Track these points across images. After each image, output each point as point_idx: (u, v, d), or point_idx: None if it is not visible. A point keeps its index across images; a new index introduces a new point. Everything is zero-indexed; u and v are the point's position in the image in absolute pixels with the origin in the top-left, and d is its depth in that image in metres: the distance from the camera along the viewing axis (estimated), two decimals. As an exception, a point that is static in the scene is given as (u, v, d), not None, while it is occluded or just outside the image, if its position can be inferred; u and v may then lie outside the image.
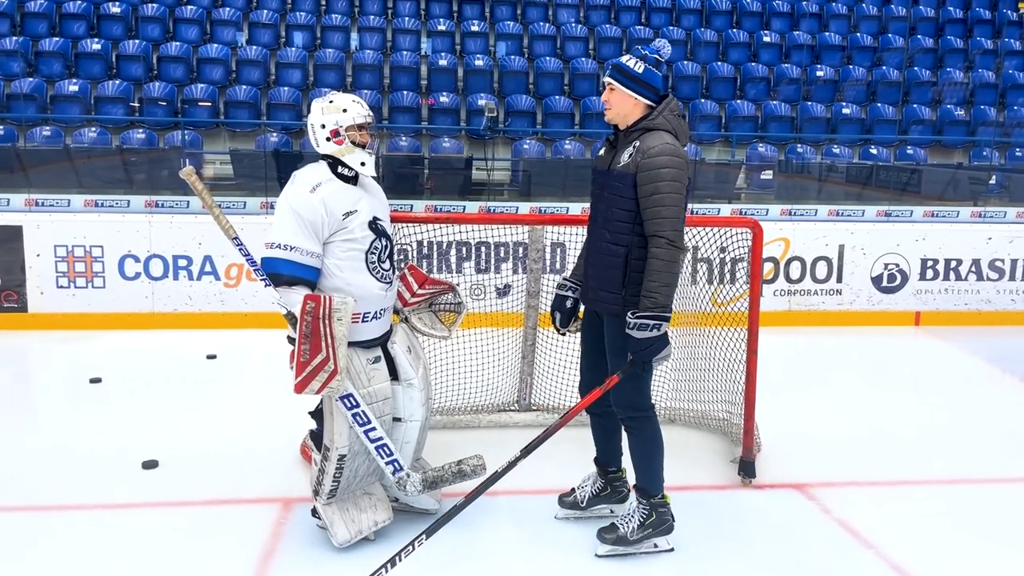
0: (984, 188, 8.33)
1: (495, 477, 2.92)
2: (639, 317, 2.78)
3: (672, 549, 3.14)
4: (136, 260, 6.20)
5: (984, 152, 9.28)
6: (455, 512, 2.85)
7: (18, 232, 6.09)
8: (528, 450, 2.94)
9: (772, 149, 8.84)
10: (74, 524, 3.29)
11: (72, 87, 8.45)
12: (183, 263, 6.25)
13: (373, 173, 3.11)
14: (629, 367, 2.86)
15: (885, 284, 7.00)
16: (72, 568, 2.97)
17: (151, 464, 3.81)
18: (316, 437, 3.24)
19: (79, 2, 9.41)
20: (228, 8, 9.89)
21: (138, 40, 9.21)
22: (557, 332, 3.32)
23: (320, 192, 2.94)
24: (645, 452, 3.09)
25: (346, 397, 2.96)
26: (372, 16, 10.22)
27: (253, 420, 4.45)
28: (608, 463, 3.38)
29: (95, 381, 5.07)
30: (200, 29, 9.60)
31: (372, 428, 3.01)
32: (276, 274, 2.92)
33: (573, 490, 3.41)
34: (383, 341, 3.18)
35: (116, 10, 9.43)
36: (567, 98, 9.40)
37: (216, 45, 9.31)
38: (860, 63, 10.40)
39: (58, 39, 9.00)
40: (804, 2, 11.17)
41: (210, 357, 5.63)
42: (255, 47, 9.41)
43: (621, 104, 2.92)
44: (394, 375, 3.19)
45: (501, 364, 4.48)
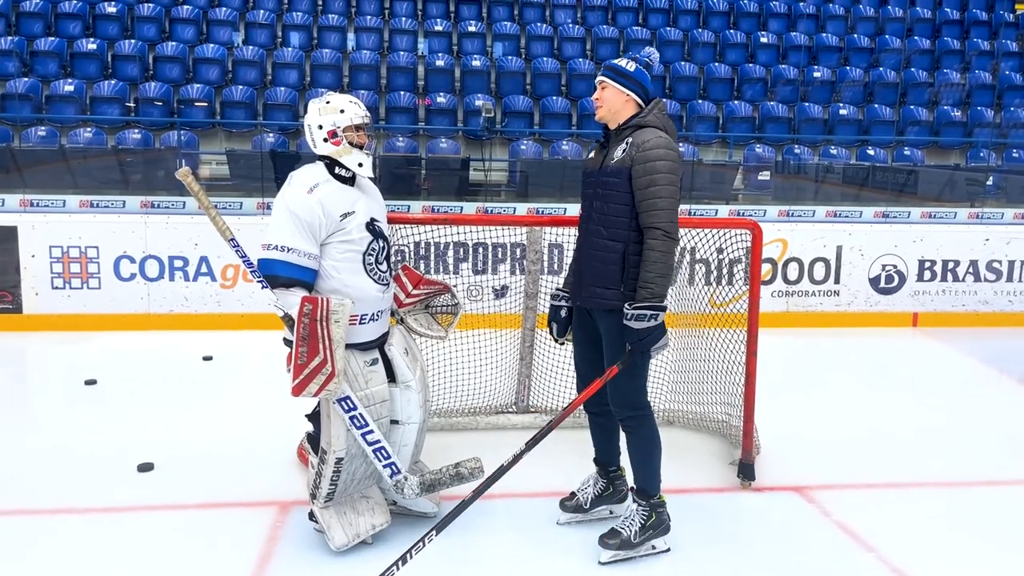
0: (981, 189, 8.34)
1: (501, 471, 2.93)
2: (636, 308, 2.82)
3: (668, 549, 3.14)
4: (132, 261, 6.17)
5: (981, 153, 9.29)
6: (463, 508, 2.85)
7: (13, 233, 6.06)
8: (532, 443, 2.96)
9: (769, 150, 8.84)
10: (69, 527, 3.26)
11: (68, 87, 8.42)
12: (179, 264, 6.23)
13: (370, 174, 3.10)
14: (628, 358, 2.89)
15: (883, 285, 7.00)
16: (67, 572, 2.94)
17: (147, 467, 3.79)
18: (313, 440, 3.22)
19: (75, 2, 9.38)
20: (224, 8, 9.88)
21: (134, 40, 9.19)
22: (555, 342, 3.36)
23: (317, 193, 2.92)
24: (644, 452, 3.09)
25: (343, 400, 2.94)
26: (369, 16, 10.20)
27: (250, 422, 4.43)
28: (608, 463, 3.38)
29: (90, 383, 5.04)
30: (196, 29, 9.58)
31: (370, 431, 2.99)
32: (273, 276, 2.89)
33: (574, 494, 3.39)
34: (380, 343, 3.16)
35: (112, 10, 9.40)
36: (564, 99, 9.40)
37: (212, 45, 9.29)
38: (857, 64, 10.42)
39: (53, 39, 8.97)
40: (801, 3, 11.19)
41: (206, 359, 5.61)
42: (251, 47, 9.39)
43: (613, 101, 2.97)
44: (391, 377, 3.17)
45: (499, 366, 4.47)
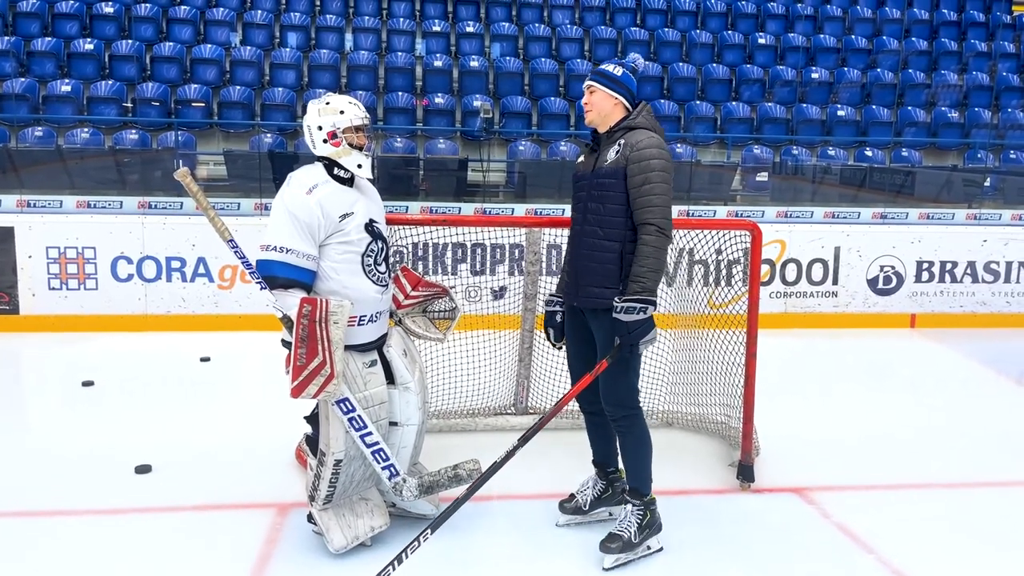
0: (979, 190, 8.35)
1: (495, 467, 2.94)
2: (627, 300, 2.84)
3: (661, 548, 3.14)
4: (129, 262, 6.16)
5: (979, 154, 9.30)
6: (457, 506, 2.85)
7: (9, 233, 6.05)
8: (524, 440, 2.97)
9: (767, 151, 8.84)
10: (66, 530, 3.25)
11: (65, 87, 8.40)
12: (176, 265, 6.22)
13: (369, 175, 3.09)
14: (617, 351, 2.91)
15: (881, 286, 7.01)
16: (65, 575, 2.93)
17: (144, 469, 3.77)
18: (312, 442, 3.21)
19: (72, 2, 9.36)
20: (222, 8, 9.85)
21: (131, 40, 9.16)
22: (554, 347, 3.38)
23: (316, 194, 2.91)
24: (637, 451, 3.10)
25: (342, 401, 2.93)
26: (367, 17, 10.19)
27: (248, 424, 4.42)
28: (607, 464, 3.38)
29: (87, 384, 5.03)
30: (194, 29, 9.56)
31: (368, 433, 2.98)
32: (272, 277, 2.87)
33: (573, 496, 3.39)
34: (379, 345, 3.15)
35: (109, 10, 9.38)
36: (562, 99, 9.39)
37: (210, 45, 9.27)
38: (855, 65, 10.43)
39: (50, 39, 8.95)
40: (799, 4, 11.20)
41: (204, 360, 5.60)
42: (249, 47, 9.37)
43: (602, 104, 3.02)
44: (390, 379, 3.16)
45: (497, 367, 4.46)
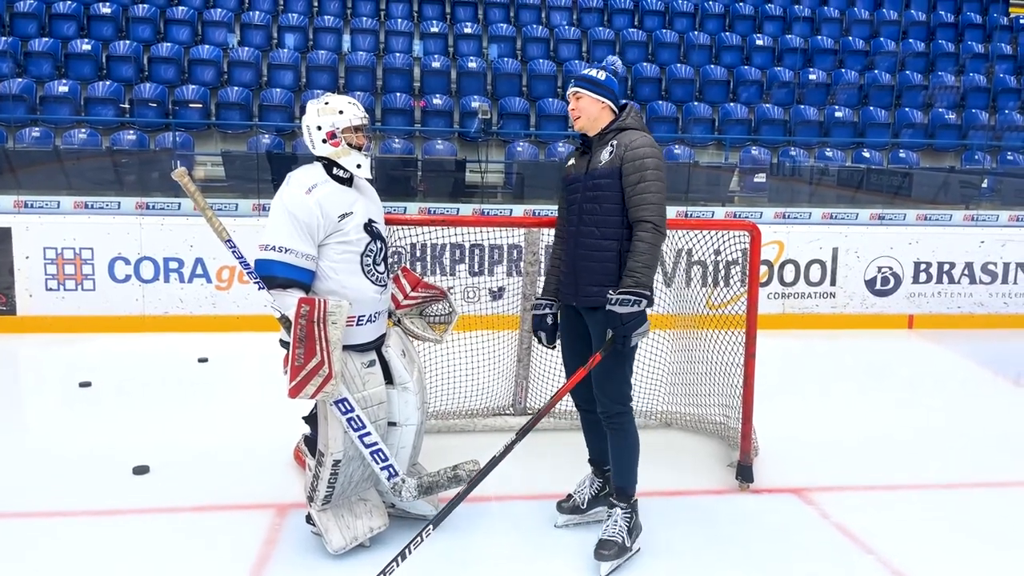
0: (976, 191, 8.37)
1: (494, 462, 2.95)
2: (621, 293, 2.86)
3: (640, 549, 3.13)
4: (126, 262, 6.15)
5: (976, 156, 9.32)
6: (458, 502, 2.86)
7: (7, 234, 6.04)
8: (524, 431, 2.99)
9: (765, 152, 8.85)
10: (64, 531, 3.24)
11: (62, 88, 8.38)
12: (174, 265, 6.21)
13: (369, 175, 3.09)
14: (610, 344, 2.92)
15: (878, 287, 7.02)
16: (62, 576, 2.93)
17: (142, 469, 3.76)
18: (310, 442, 3.20)
19: (69, 2, 9.35)
20: (219, 9, 9.85)
21: (129, 41, 9.16)
22: (547, 348, 3.39)
23: (316, 194, 2.91)
24: (627, 452, 3.11)
25: (340, 402, 2.92)
26: (365, 18, 10.19)
27: (246, 424, 4.41)
28: (603, 462, 3.37)
29: (85, 385, 5.02)
30: (191, 30, 9.55)
31: (367, 433, 2.97)
32: (270, 276, 2.87)
33: (570, 495, 3.38)
34: (377, 345, 3.15)
35: (106, 11, 9.38)
36: (560, 100, 9.38)
37: (207, 46, 9.26)
38: (852, 67, 10.45)
39: (48, 39, 8.93)
40: (796, 6, 11.22)
41: (202, 360, 5.59)
42: (247, 48, 9.36)
43: (590, 109, 3.07)
44: (389, 379, 3.16)
45: (496, 367, 4.46)
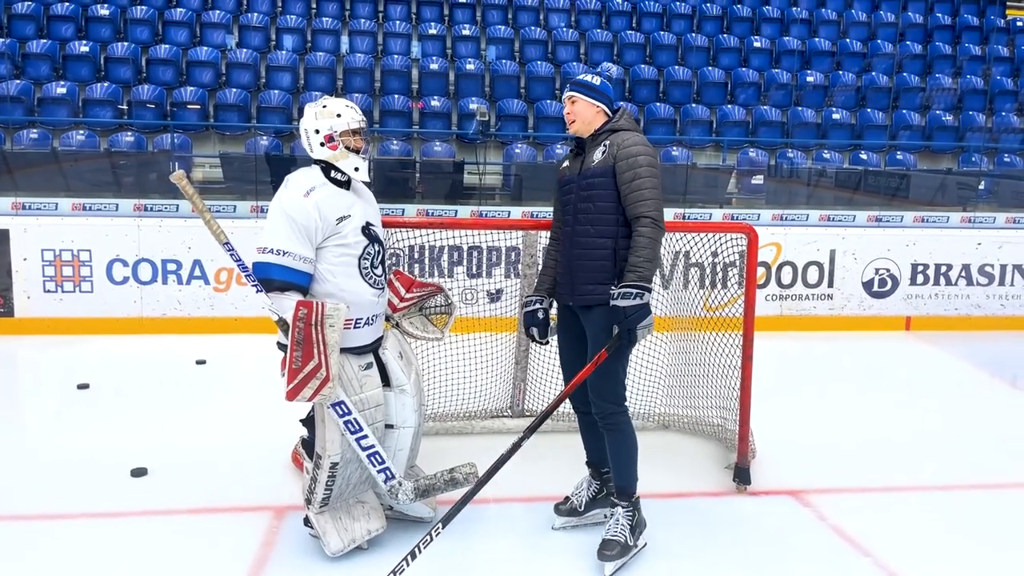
0: (973, 193, 8.38)
1: (502, 460, 2.97)
2: (623, 287, 2.88)
3: (646, 544, 3.15)
4: (124, 264, 6.15)
5: (973, 158, 9.34)
6: (466, 500, 2.89)
7: (5, 236, 6.03)
8: (530, 430, 3.01)
9: (763, 154, 8.86)
10: (61, 533, 3.24)
11: (60, 89, 8.38)
12: (172, 267, 6.21)
13: (366, 178, 3.09)
14: (616, 340, 2.94)
15: (876, 289, 7.03)
16: (59, 579, 2.93)
17: (140, 472, 3.76)
18: (308, 445, 3.20)
19: (67, 4, 9.35)
20: (218, 11, 9.86)
21: (127, 42, 9.15)
22: (540, 344, 3.40)
23: (314, 197, 2.91)
24: (625, 450, 3.12)
25: (338, 404, 2.92)
26: (363, 20, 10.19)
27: (244, 427, 4.41)
28: (601, 463, 3.37)
29: (83, 387, 5.02)
30: (190, 32, 9.55)
31: (364, 436, 2.98)
32: (268, 279, 2.87)
33: (568, 498, 3.39)
34: (375, 347, 3.15)
35: (104, 12, 9.38)
36: (558, 102, 9.39)
37: (206, 48, 9.26)
38: (850, 69, 10.47)
39: (46, 41, 8.93)
40: (794, 8, 11.24)
41: (200, 362, 5.59)
42: (245, 50, 9.36)
43: (585, 112, 3.13)
44: (386, 381, 3.16)
45: (494, 369, 4.46)
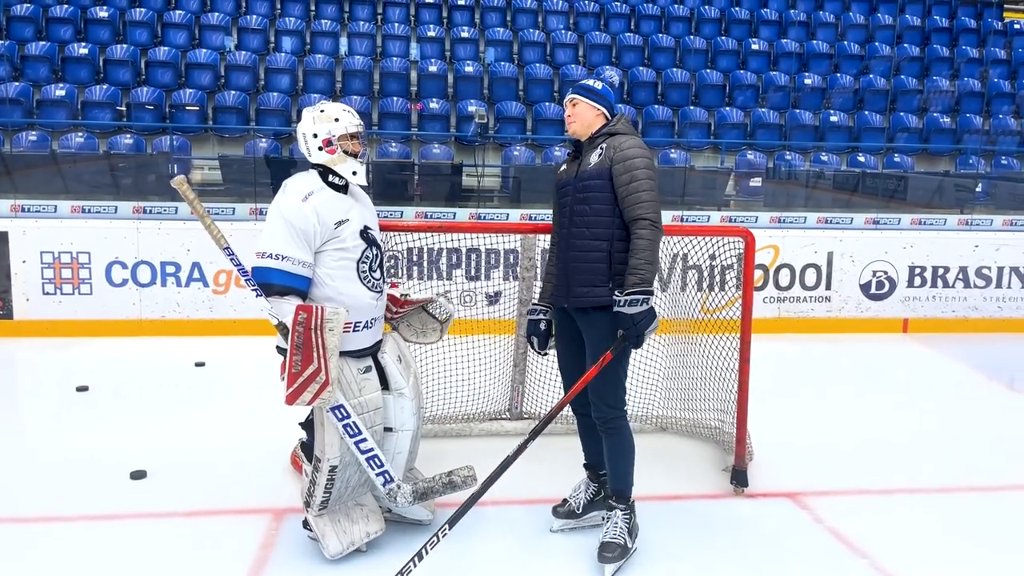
0: (971, 196, 8.41)
1: (508, 462, 2.98)
2: (629, 294, 2.89)
3: (638, 548, 3.16)
4: (123, 266, 6.15)
5: (970, 160, 9.37)
6: (473, 501, 2.91)
7: (4, 238, 6.04)
8: (535, 433, 3.02)
9: (761, 156, 8.88)
10: (60, 536, 3.24)
11: (59, 91, 8.38)
12: (171, 270, 6.22)
13: (364, 182, 3.11)
14: (621, 343, 2.95)
15: (873, 291, 7.05)
16: (59, 581, 2.93)
17: (139, 474, 3.77)
18: (307, 448, 3.22)
19: (66, 6, 9.35)
20: (217, 13, 9.86)
21: (126, 45, 9.15)
22: (539, 354, 3.42)
23: (312, 201, 2.93)
24: (623, 454, 3.13)
25: (337, 408, 2.93)
26: (362, 22, 10.20)
27: (243, 429, 4.42)
28: (598, 465, 3.38)
29: (82, 389, 5.02)
30: (188, 34, 9.56)
31: (363, 439, 2.99)
32: (267, 284, 2.88)
33: (566, 500, 3.40)
34: (374, 351, 3.16)
35: (103, 14, 9.38)
36: (557, 105, 9.40)
37: (205, 50, 9.26)
38: (847, 71, 10.49)
39: (45, 43, 8.94)
40: (792, 11, 11.26)
41: (199, 365, 5.59)
42: (244, 52, 9.37)
43: (585, 115, 3.16)
44: (385, 385, 3.17)
45: (492, 372, 4.47)
